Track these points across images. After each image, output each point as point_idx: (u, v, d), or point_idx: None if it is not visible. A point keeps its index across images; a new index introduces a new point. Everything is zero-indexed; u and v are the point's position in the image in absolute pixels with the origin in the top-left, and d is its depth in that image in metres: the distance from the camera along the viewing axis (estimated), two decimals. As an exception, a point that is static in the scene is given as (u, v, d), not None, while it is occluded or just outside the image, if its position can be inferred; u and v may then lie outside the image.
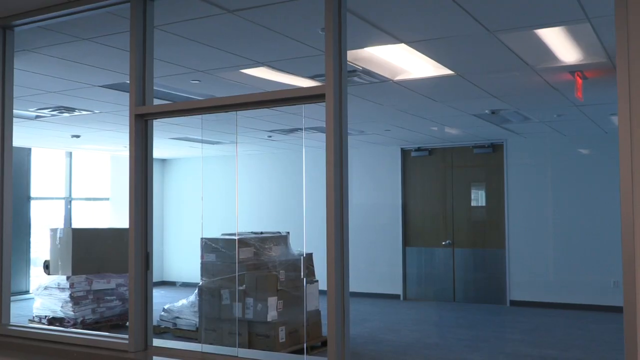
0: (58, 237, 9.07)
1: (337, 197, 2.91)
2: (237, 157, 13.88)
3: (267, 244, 7.63)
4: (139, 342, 3.43)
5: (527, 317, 9.69)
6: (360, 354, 6.85)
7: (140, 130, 3.53)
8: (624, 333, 2.31)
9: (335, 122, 2.93)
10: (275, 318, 7.13)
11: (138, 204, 3.49)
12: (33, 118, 8.22)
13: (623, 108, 2.35)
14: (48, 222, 12.13)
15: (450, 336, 8.50)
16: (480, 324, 9.47)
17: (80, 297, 8.65)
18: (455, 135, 10.43)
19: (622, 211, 2.33)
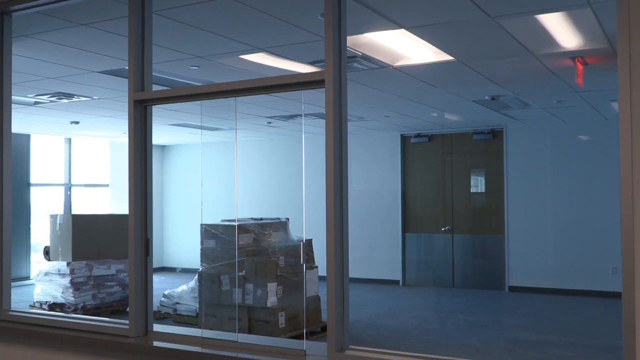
0: (58, 224, 9.08)
1: (336, 183, 2.91)
2: (237, 143, 13.86)
3: (266, 230, 7.64)
4: (139, 328, 3.44)
5: (525, 302, 9.73)
6: (360, 339, 6.89)
7: (139, 117, 3.52)
8: (623, 318, 2.31)
9: (334, 108, 2.92)
10: (275, 304, 7.16)
11: (138, 190, 3.49)
12: (32, 104, 8.20)
13: (623, 94, 2.35)
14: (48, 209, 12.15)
15: (449, 321, 8.53)
16: (479, 310, 9.51)
17: (81, 283, 8.68)
18: (455, 121, 10.41)
19: (622, 197, 2.33)
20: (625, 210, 2.33)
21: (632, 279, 2.30)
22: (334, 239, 2.89)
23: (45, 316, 3.94)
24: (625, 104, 2.34)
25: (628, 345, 2.30)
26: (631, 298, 2.30)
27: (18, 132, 11.14)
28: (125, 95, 3.59)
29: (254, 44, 5.21)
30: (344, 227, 2.94)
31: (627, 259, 2.31)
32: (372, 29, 4.84)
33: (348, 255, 2.95)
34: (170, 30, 4.65)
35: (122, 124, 9.20)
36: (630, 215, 2.32)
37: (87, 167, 13.35)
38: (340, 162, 2.94)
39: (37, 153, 12.24)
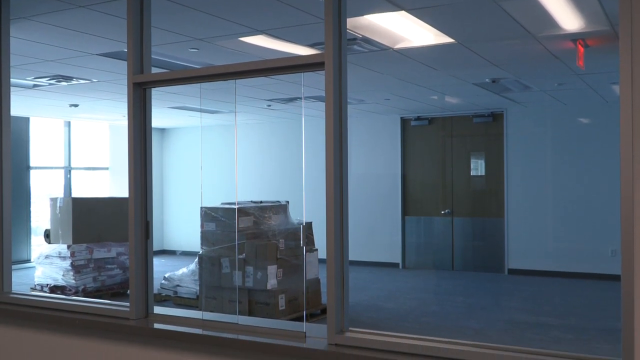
0: (58, 207, 9.09)
1: (336, 166, 2.91)
2: (237, 126, 13.84)
3: (266, 213, 7.65)
4: (140, 310, 3.46)
5: (525, 285, 9.76)
6: (360, 322, 6.93)
7: (138, 99, 3.51)
8: (621, 301, 2.32)
9: (334, 90, 2.91)
10: (275, 286, 7.18)
11: (137, 173, 3.49)
12: (31, 87, 8.17)
13: (625, 77, 2.33)
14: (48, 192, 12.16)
15: (448, 304, 8.58)
16: (478, 292, 9.55)
17: (81, 266, 8.71)
18: (455, 104, 10.39)
19: (622, 180, 2.33)
20: (625, 193, 2.33)
21: (631, 262, 2.30)
22: (334, 221, 2.89)
23: (46, 299, 3.96)
24: (627, 87, 2.33)
25: (626, 328, 2.31)
26: (630, 281, 2.30)
27: (17, 115, 11.12)
28: (124, 77, 3.58)
29: (254, 26, 5.18)
30: (343, 210, 2.94)
31: (627, 241, 2.31)
32: (372, 11, 4.81)
33: (348, 238, 2.96)
34: (170, 12, 4.62)
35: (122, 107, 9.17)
36: (630, 198, 2.32)
37: (86, 150, 13.34)
38: (340, 145, 2.93)
39: (37, 136, 12.22)
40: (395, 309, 8.17)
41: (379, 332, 2.86)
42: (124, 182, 3.52)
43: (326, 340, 2.88)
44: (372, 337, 2.81)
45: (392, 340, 2.75)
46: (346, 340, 2.83)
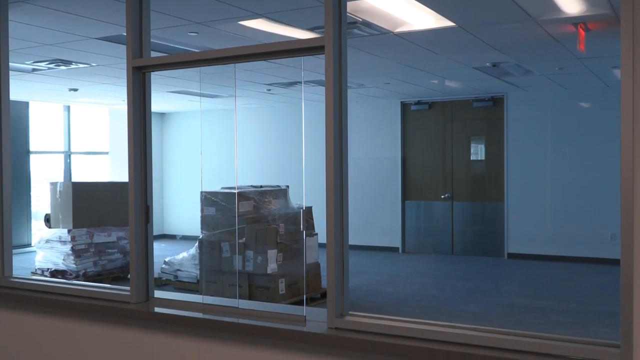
0: (58, 191, 9.10)
1: (336, 151, 2.91)
2: (236, 111, 13.81)
3: (266, 198, 7.65)
4: (141, 294, 3.47)
5: (524, 269, 9.79)
6: (359, 306, 6.95)
7: (138, 83, 3.49)
8: (621, 285, 2.33)
9: (334, 75, 2.90)
10: (275, 270, 7.21)
11: (137, 157, 3.48)
12: (30, 71, 8.14)
13: (626, 61, 2.32)
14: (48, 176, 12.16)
15: (448, 288, 8.61)
16: (478, 276, 9.59)
17: (82, 250, 8.73)
18: (455, 88, 10.35)
19: (622, 165, 2.33)
20: (625, 177, 2.32)
21: (631, 246, 2.31)
22: (334, 206, 2.89)
23: (47, 283, 3.97)
24: (628, 71, 2.32)
25: (625, 312, 2.32)
26: (629, 265, 2.31)
27: (16, 99, 11.09)
28: (123, 61, 3.56)
29: (253, 10, 5.15)
30: (343, 194, 2.94)
31: (626, 226, 2.32)
32: (372, -5, 4.78)
33: (348, 223, 2.96)
34: (168, -5, 4.59)
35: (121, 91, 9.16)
36: (630, 182, 2.31)
37: (86, 135, 13.32)
38: (340, 129, 2.93)
39: (36, 121, 12.20)
40: (395, 293, 8.20)
41: (379, 316, 2.87)
42: (124, 166, 3.52)
43: (326, 324, 2.90)
44: (372, 320, 2.83)
45: (391, 324, 2.77)
46: (346, 324, 2.85)
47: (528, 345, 2.47)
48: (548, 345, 2.44)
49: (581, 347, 2.40)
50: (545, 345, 2.45)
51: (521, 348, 2.48)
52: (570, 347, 2.41)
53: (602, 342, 2.42)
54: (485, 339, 2.55)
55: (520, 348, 2.48)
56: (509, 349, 2.49)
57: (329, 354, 2.82)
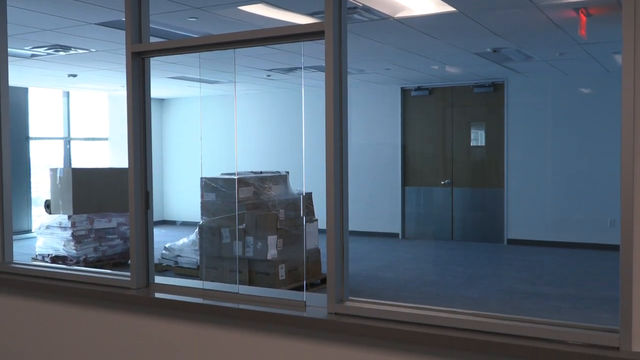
0: (58, 177, 9.09)
1: (336, 137, 2.90)
2: (236, 97, 13.77)
3: (266, 184, 7.66)
4: (141, 279, 3.48)
5: (523, 255, 9.82)
6: (359, 291, 6.98)
7: (137, 69, 3.48)
8: (620, 270, 2.34)
9: (334, 60, 2.89)
10: (275, 256, 7.22)
11: (137, 143, 3.48)
12: (29, 57, 8.11)
13: (627, 46, 2.31)
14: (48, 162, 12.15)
15: (448, 273, 8.63)
16: (478, 262, 9.61)
17: (82, 236, 8.74)
18: (455, 74, 10.32)
19: (622, 150, 2.32)
20: (625, 163, 2.32)
21: (630, 232, 2.31)
22: (334, 192, 2.89)
23: (48, 268, 3.98)
24: (629, 56, 2.31)
25: (625, 297, 2.32)
26: (629, 250, 2.31)
27: (15, 85, 11.06)
28: (122, 47, 3.54)
29: (253, -5, 5.12)
30: (343, 180, 2.94)
31: (626, 212, 2.32)
32: (372, -21, 4.75)
33: (348, 209, 2.96)
34: (167, -20, 4.57)
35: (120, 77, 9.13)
36: (630, 168, 2.31)
37: (86, 121, 13.30)
38: (340, 115, 2.92)
39: (36, 107, 12.17)
40: (395, 279, 8.22)
41: (379, 302, 2.88)
42: (124, 152, 3.51)
43: (326, 310, 2.90)
44: (371, 306, 2.84)
45: (391, 309, 2.78)
46: (346, 309, 2.86)
47: (527, 331, 2.48)
48: (547, 331, 2.45)
49: (580, 332, 2.41)
50: (544, 331, 2.46)
51: (520, 333, 2.49)
52: (569, 332, 2.42)
53: (601, 327, 2.43)
54: (485, 324, 2.56)
55: (520, 333, 2.49)
56: (508, 334, 2.50)
57: (328, 339, 2.83)
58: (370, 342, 2.73)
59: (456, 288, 7.69)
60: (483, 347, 2.48)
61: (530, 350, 2.40)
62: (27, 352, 3.83)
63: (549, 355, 2.37)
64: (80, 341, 3.60)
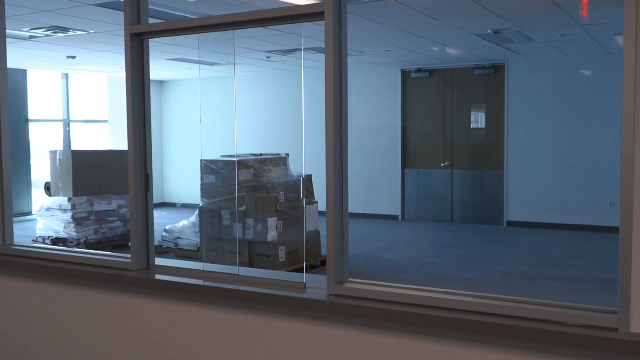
0: (58, 159, 9.09)
1: (336, 119, 2.89)
2: (235, 79, 13.72)
3: (266, 166, 7.65)
4: (141, 261, 3.49)
5: (523, 237, 9.84)
6: (359, 273, 7.00)
7: (136, 51, 3.46)
8: (620, 252, 2.34)
9: (334, 42, 2.87)
10: (275, 238, 7.24)
11: (137, 125, 3.47)
12: (27, 39, 8.07)
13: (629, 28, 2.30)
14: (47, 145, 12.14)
15: (448, 255, 8.66)
16: (478, 244, 9.64)
17: (83, 218, 8.76)
18: (456, 56, 10.28)
19: (623, 133, 2.31)
20: (626, 145, 2.32)
21: (630, 214, 2.31)
22: (334, 174, 2.89)
23: (49, 250, 3.99)
24: (631, 38, 2.30)
25: (624, 279, 2.33)
26: (628, 232, 2.31)
27: (14, 67, 11.01)
28: (121, 28, 3.52)
29: (252, -24, 5.08)
30: (343, 162, 2.93)
31: (626, 194, 2.32)
32: (373, -40, 4.71)
33: (348, 191, 2.96)
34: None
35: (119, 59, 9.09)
36: (630, 150, 2.31)
37: (85, 103, 13.26)
38: (340, 97, 2.91)
39: (35, 89, 12.13)
40: (395, 261, 8.25)
41: (379, 283, 2.88)
42: (124, 134, 3.50)
43: (326, 291, 2.91)
44: (371, 287, 2.85)
45: (391, 290, 2.78)
46: (346, 290, 2.87)
47: (527, 312, 2.49)
48: (546, 312, 2.46)
49: (579, 314, 2.42)
50: (544, 312, 2.47)
51: (520, 315, 2.50)
52: (569, 313, 2.43)
53: (600, 308, 2.44)
54: (484, 305, 2.57)
55: (519, 315, 2.50)
56: (507, 315, 2.51)
57: (328, 321, 2.84)
58: (370, 324, 2.74)
59: (456, 270, 7.71)
60: (483, 328, 2.49)
61: (529, 331, 2.41)
62: (28, 333, 3.85)
63: (548, 336, 2.38)
64: (80, 323, 3.62)
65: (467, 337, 2.55)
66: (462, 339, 2.56)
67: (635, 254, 2.31)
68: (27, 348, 3.87)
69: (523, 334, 2.42)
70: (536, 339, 2.41)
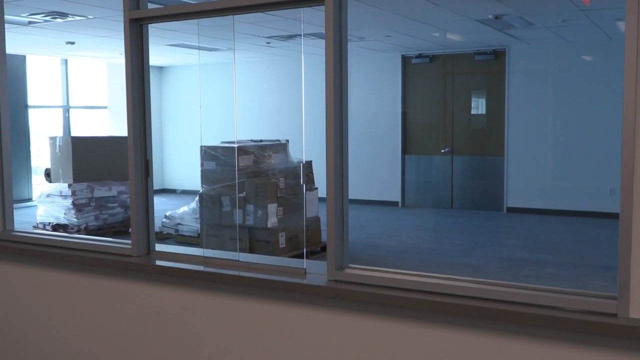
0: (57, 146, 9.08)
1: (336, 105, 2.88)
2: (235, 64, 13.68)
3: (266, 152, 7.65)
4: (142, 247, 3.49)
5: (523, 223, 9.86)
6: (359, 259, 7.02)
7: (135, 36, 3.44)
8: (619, 239, 2.34)
9: (334, 27, 2.86)
10: (276, 224, 7.24)
11: (136, 111, 3.46)
12: (26, 24, 8.03)
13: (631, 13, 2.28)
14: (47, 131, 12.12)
15: (447, 241, 8.68)
16: (477, 230, 9.65)
17: (83, 205, 8.76)
18: (456, 41, 10.24)
19: (624, 119, 2.31)
20: (626, 131, 2.31)
21: (630, 200, 2.31)
22: (334, 160, 2.89)
23: (49, 236, 3.99)
24: (632, 23, 2.28)
25: (623, 265, 2.34)
26: (628, 218, 2.32)
27: (13, 53, 10.97)
28: (120, 14, 3.50)
29: (252, -40, 5.04)
30: (343, 148, 2.93)
31: (626, 180, 2.31)
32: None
33: (348, 177, 2.96)
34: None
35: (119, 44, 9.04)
36: (631, 136, 2.30)
37: (84, 89, 13.22)
38: (340, 83, 2.90)
39: (34, 75, 12.09)
40: (395, 247, 8.26)
41: (378, 269, 2.89)
42: (123, 120, 3.50)
43: (326, 277, 2.92)
44: (371, 273, 2.85)
45: (391, 276, 2.79)
46: (346, 276, 2.87)
47: (525, 297, 2.50)
48: (545, 298, 2.47)
49: (578, 299, 2.43)
50: (543, 298, 2.47)
51: (518, 300, 2.50)
52: (568, 299, 2.44)
53: (599, 294, 2.44)
54: (483, 291, 2.58)
55: (518, 300, 2.50)
56: (506, 300, 2.52)
57: (328, 306, 2.85)
58: (370, 309, 2.75)
59: (455, 256, 7.73)
60: (482, 313, 2.50)
61: (528, 317, 2.42)
62: (28, 319, 3.87)
63: (547, 321, 2.39)
64: (80, 308, 3.63)
65: (466, 323, 2.56)
66: (461, 324, 2.57)
67: (634, 240, 2.31)
68: (27, 333, 3.89)
69: (522, 320, 2.43)
70: (535, 324, 2.42)
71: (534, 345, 2.45)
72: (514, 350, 2.49)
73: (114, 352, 3.54)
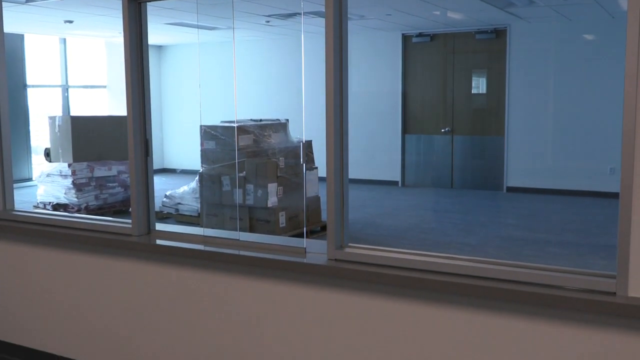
0: (57, 125, 9.06)
1: (336, 84, 2.87)
2: (235, 43, 13.60)
3: (266, 131, 7.63)
4: (142, 226, 3.50)
5: (523, 202, 9.87)
6: (359, 238, 7.04)
7: (134, 15, 3.42)
8: (619, 218, 2.34)
9: (334, 5, 2.84)
10: (276, 204, 7.25)
11: (135, 91, 3.45)
12: (24, 3, 7.96)
13: (633, -11, 2.26)
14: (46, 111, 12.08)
15: (447, 221, 8.69)
16: (477, 210, 9.66)
17: (83, 184, 8.77)
18: (457, 20, 10.17)
19: (625, 98, 2.30)
20: (627, 111, 2.30)
21: (630, 179, 2.31)
22: (334, 139, 2.88)
23: (50, 216, 4.00)
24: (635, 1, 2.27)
25: (623, 244, 2.34)
26: (628, 197, 2.32)
27: (11, 32, 10.90)
28: (118, -8, 3.47)
29: (251, -62, 5.00)
30: (343, 128, 2.92)
31: (627, 159, 2.31)
32: None
33: (348, 156, 2.96)
34: None
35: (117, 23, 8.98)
36: (632, 116, 2.30)
37: (83, 69, 13.16)
38: (340, 62, 2.89)
39: (32, 54, 12.03)
40: (394, 226, 8.28)
41: (378, 248, 2.90)
42: (122, 100, 3.49)
43: (326, 256, 2.93)
44: (371, 252, 2.86)
45: (390, 255, 2.80)
46: (345, 255, 2.88)
47: (525, 276, 2.51)
48: (545, 276, 2.48)
49: (578, 278, 2.44)
50: (542, 276, 2.48)
51: (518, 279, 2.52)
52: (567, 277, 2.45)
53: (598, 272, 2.45)
54: (483, 270, 2.59)
55: (517, 279, 2.52)
56: (506, 279, 2.53)
57: (328, 285, 2.87)
58: (369, 288, 2.77)
59: (455, 235, 7.75)
60: (481, 292, 2.51)
61: (528, 295, 2.43)
62: (30, 299, 3.89)
63: (547, 300, 2.40)
64: (81, 287, 3.65)
65: (466, 301, 2.57)
66: (460, 302, 2.59)
67: (634, 219, 2.31)
68: (27, 312, 3.91)
69: (522, 298, 2.45)
70: (535, 302, 2.43)
71: (533, 323, 2.46)
72: (514, 328, 2.50)
73: (114, 331, 3.56)
